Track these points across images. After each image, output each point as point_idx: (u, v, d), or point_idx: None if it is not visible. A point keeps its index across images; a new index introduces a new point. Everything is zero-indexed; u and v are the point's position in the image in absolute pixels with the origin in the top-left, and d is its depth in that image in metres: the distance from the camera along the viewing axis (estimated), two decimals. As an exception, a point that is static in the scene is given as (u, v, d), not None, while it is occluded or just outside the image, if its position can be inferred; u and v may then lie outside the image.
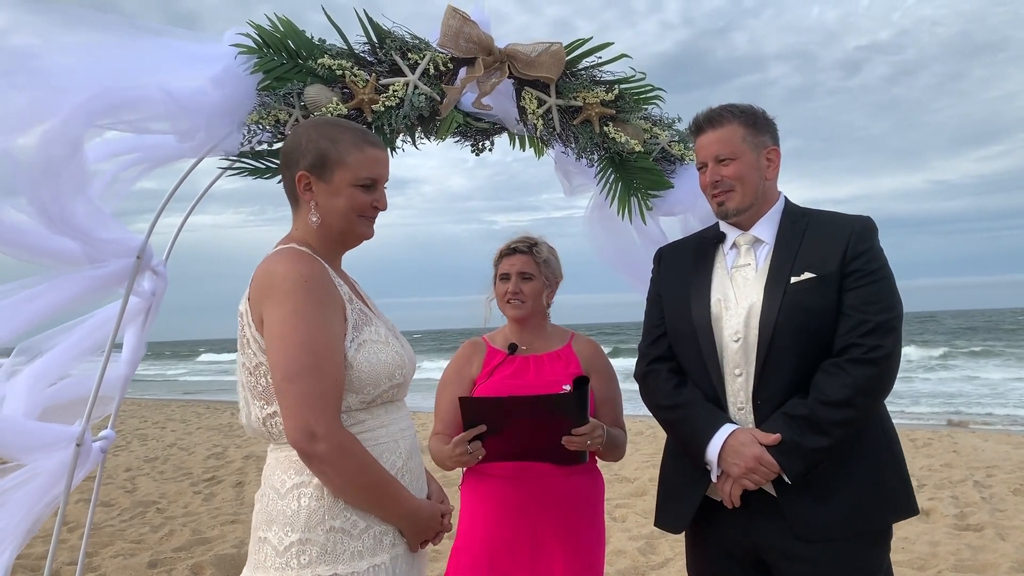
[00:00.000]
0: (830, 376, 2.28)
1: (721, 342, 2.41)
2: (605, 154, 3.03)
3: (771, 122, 2.51)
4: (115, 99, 2.34)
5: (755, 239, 2.47)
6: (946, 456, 9.29)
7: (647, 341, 2.64)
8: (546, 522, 2.78)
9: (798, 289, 2.33)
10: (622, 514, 6.89)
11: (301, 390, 1.84)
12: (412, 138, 2.93)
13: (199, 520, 7.27)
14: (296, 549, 1.89)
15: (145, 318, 2.95)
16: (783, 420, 2.29)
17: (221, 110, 2.54)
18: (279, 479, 1.96)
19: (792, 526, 2.30)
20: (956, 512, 6.60)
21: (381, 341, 2.03)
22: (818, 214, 2.49)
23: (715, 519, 2.46)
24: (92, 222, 2.41)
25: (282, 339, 1.87)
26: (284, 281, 1.90)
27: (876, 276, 2.32)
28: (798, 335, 2.31)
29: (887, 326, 2.28)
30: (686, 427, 2.46)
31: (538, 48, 2.82)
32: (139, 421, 16.45)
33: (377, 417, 2.02)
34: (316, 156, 2.01)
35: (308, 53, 2.70)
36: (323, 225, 2.04)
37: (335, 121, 2.15)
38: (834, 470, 2.31)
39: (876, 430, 2.38)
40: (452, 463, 2.69)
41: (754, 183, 2.44)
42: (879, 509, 2.33)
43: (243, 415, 2.07)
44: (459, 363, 3.02)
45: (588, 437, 2.60)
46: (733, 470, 2.33)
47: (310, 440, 1.84)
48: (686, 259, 2.60)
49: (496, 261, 3.02)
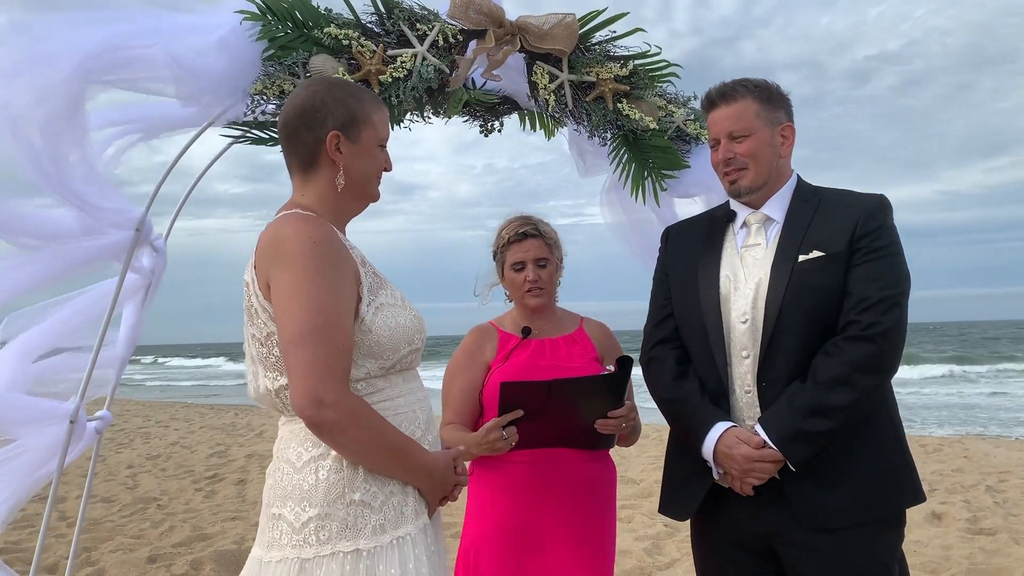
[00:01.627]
0: (828, 356, 2.21)
1: (729, 323, 2.34)
2: (619, 132, 2.94)
3: (785, 97, 2.42)
4: (117, 57, 2.27)
5: (766, 217, 2.39)
6: (957, 461, 9.16)
7: (652, 323, 2.56)
8: (569, 508, 2.70)
9: (805, 268, 2.25)
10: (628, 515, 6.80)
11: (307, 356, 1.75)
12: (420, 112, 2.85)
13: (200, 516, 7.20)
14: (315, 525, 1.79)
15: (144, 296, 2.87)
16: (785, 405, 2.22)
17: (225, 75, 2.46)
18: (295, 452, 1.87)
19: (798, 514, 2.24)
20: (969, 516, 6.49)
21: (398, 304, 1.95)
22: (830, 192, 2.41)
23: (721, 508, 2.38)
24: (90, 187, 2.33)
25: (289, 303, 1.78)
26: (292, 244, 1.81)
27: (881, 253, 2.23)
28: (806, 315, 2.24)
29: (889, 302, 2.19)
30: (683, 423, 2.41)
31: (551, 20, 2.74)
32: (142, 420, 16.42)
33: (396, 386, 1.94)
34: (346, 115, 1.93)
35: (314, 23, 2.62)
36: (347, 187, 1.95)
37: (346, 80, 2.09)
38: (840, 456, 2.24)
39: (882, 415, 2.30)
40: (480, 451, 2.59)
41: (768, 160, 2.36)
42: (888, 495, 2.26)
43: (251, 388, 1.99)
44: (470, 349, 2.90)
45: (624, 419, 2.56)
46: (732, 472, 2.28)
47: (318, 407, 1.74)
48: (695, 238, 2.52)
49: (501, 248, 2.88)
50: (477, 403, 2.81)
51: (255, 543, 1.94)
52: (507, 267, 2.86)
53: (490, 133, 3.25)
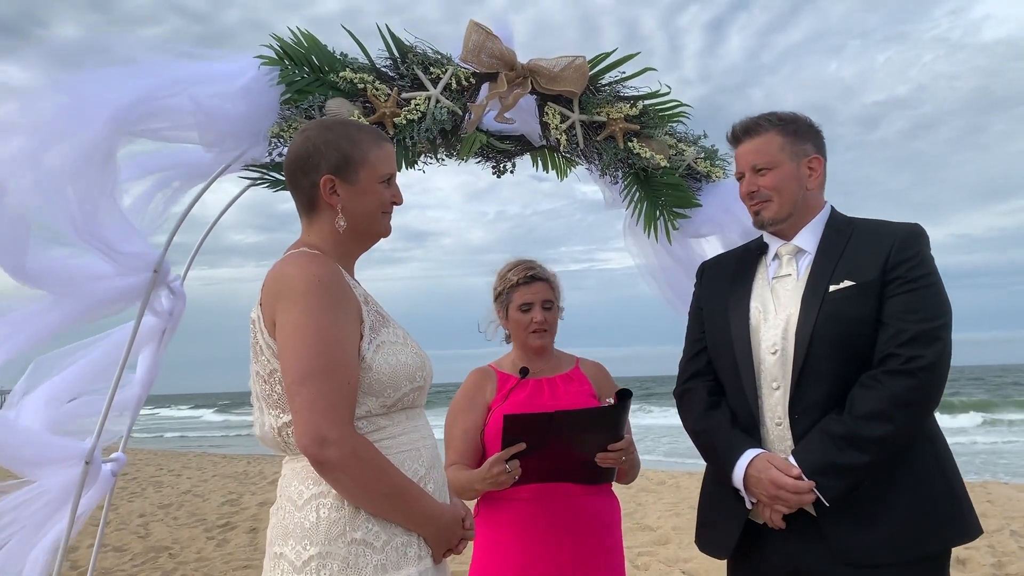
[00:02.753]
0: (866, 389, 2.16)
1: (759, 355, 2.32)
2: (630, 171, 2.97)
3: (815, 129, 2.43)
4: (147, 109, 2.34)
5: (797, 249, 2.38)
6: (980, 506, 8.98)
7: (687, 357, 2.56)
8: (572, 544, 2.69)
9: (837, 298, 2.22)
10: (645, 562, 6.69)
11: (312, 394, 1.76)
12: (435, 154, 2.89)
13: (211, 565, 7.14)
14: (316, 564, 1.78)
15: (162, 338, 2.90)
16: (819, 437, 2.18)
17: (246, 120, 2.53)
18: (296, 490, 1.87)
19: (833, 550, 2.16)
20: (994, 561, 6.36)
21: (400, 343, 1.95)
22: (864, 223, 2.39)
23: (756, 544, 2.33)
24: (118, 234, 2.38)
25: (294, 341, 1.79)
26: (297, 282, 1.83)
27: (919, 284, 2.20)
28: (837, 345, 2.20)
29: (930, 335, 2.15)
30: (714, 452, 2.38)
31: (561, 62, 2.80)
32: (155, 468, 16.36)
33: (398, 424, 1.93)
34: (339, 158, 1.95)
35: (330, 67, 2.68)
36: (349, 228, 1.98)
37: (343, 121, 2.12)
38: (878, 490, 2.17)
39: (924, 447, 2.23)
40: (484, 486, 2.59)
41: (792, 192, 2.36)
42: (929, 532, 2.17)
43: (256, 426, 1.99)
44: (471, 391, 2.94)
45: (624, 453, 2.59)
46: (761, 499, 2.24)
47: (321, 446, 1.75)
48: (728, 271, 2.52)
49: (508, 290, 2.92)
50: (479, 443, 2.83)
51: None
52: (513, 308, 2.91)
53: (503, 174, 3.28)
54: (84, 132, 2.24)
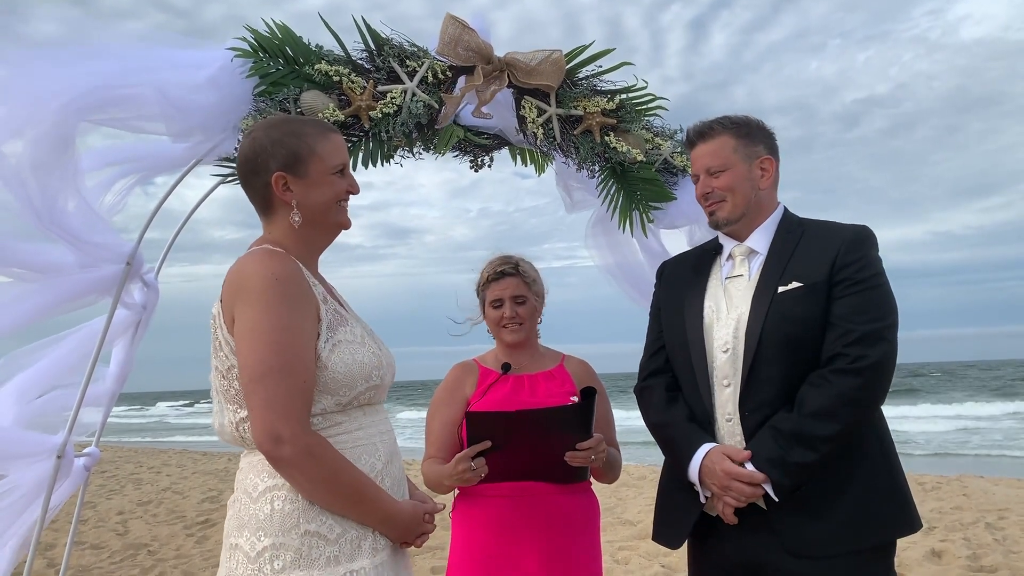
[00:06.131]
0: (814, 388, 2.22)
1: (711, 353, 2.38)
2: (606, 164, 2.98)
3: (766, 131, 2.48)
4: (107, 96, 2.30)
5: (750, 250, 2.45)
6: (956, 499, 9.09)
7: (646, 355, 2.62)
8: (544, 542, 2.69)
9: (785, 298, 2.28)
10: (625, 556, 6.71)
11: (268, 392, 1.77)
12: (410, 148, 2.88)
13: (191, 563, 7.10)
14: (269, 554, 1.80)
15: (135, 332, 2.87)
16: (769, 434, 2.24)
17: (216, 112, 2.50)
18: (251, 483, 1.89)
19: (784, 541, 2.23)
20: (969, 553, 6.42)
21: (356, 341, 1.96)
22: (814, 224, 2.45)
23: (711, 535, 2.40)
24: (83, 223, 2.36)
25: (251, 339, 1.81)
26: (255, 280, 1.84)
27: (866, 285, 2.26)
28: (785, 345, 2.26)
29: (876, 336, 2.21)
30: (671, 447, 2.44)
31: (538, 56, 2.80)
32: (134, 466, 16.21)
33: (355, 420, 1.95)
34: (287, 154, 1.95)
35: (305, 59, 2.67)
36: (306, 222, 1.98)
37: (287, 118, 2.12)
38: (826, 484, 2.23)
39: (871, 442, 2.30)
40: (452, 482, 2.59)
41: (745, 193, 2.42)
42: (876, 524, 2.24)
43: (216, 422, 2.00)
44: (451, 385, 2.95)
45: (592, 452, 2.57)
46: (713, 490, 2.30)
47: (275, 443, 1.77)
48: (686, 272, 2.58)
49: (482, 286, 2.95)
50: (457, 437, 2.82)
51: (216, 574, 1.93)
52: (487, 304, 2.93)
53: (480, 168, 3.28)
54: (37, 118, 2.21)
